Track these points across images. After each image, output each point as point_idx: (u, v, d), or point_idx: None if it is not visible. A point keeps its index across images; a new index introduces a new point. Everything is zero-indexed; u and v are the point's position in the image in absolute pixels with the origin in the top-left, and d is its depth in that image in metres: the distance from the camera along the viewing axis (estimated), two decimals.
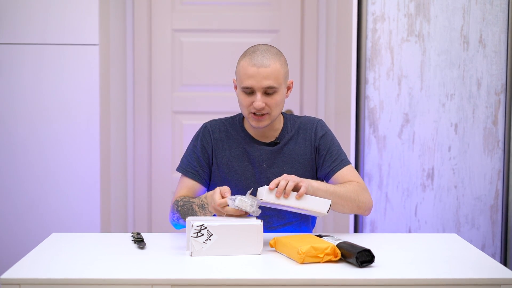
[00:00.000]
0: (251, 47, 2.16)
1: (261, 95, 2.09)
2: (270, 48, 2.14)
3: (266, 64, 2.08)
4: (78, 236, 2.12)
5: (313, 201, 1.95)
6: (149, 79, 3.63)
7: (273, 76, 2.09)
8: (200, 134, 2.25)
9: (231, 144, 2.22)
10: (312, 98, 3.63)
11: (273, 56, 2.11)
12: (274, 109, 2.12)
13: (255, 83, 2.08)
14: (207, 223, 1.84)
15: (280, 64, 2.11)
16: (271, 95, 2.10)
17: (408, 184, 2.92)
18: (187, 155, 2.25)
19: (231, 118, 2.28)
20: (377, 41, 2.89)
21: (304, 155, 2.22)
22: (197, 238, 1.83)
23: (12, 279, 1.66)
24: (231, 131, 2.24)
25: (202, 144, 2.23)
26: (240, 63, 2.13)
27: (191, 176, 2.22)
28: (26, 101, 3.13)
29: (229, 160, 2.20)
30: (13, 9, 3.10)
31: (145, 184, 3.64)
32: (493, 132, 2.92)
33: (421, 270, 1.77)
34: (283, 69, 2.12)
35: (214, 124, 2.26)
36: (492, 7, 2.88)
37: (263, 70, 2.08)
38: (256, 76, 2.08)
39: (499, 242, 2.94)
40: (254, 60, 2.09)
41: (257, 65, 2.08)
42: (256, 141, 2.22)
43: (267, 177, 2.17)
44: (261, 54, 2.10)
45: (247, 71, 2.09)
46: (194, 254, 1.83)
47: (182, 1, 3.62)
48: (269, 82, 2.08)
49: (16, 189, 3.15)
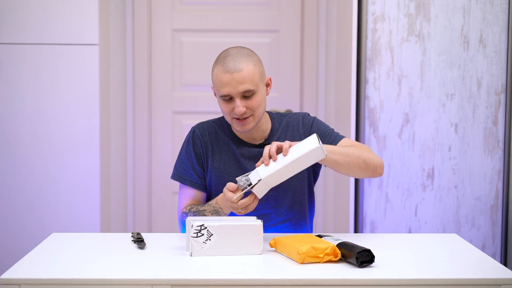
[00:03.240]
0: (222, 52, 2.12)
1: (240, 100, 2.06)
2: (241, 50, 2.10)
3: (239, 68, 2.05)
4: (78, 236, 2.12)
5: (302, 146, 1.93)
6: (149, 79, 3.63)
7: (248, 79, 2.05)
8: (191, 140, 2.22)
9: (221, 146, 2.20)
10: (312, 98, 3.63)
11: (244, 58, 2.07)
12: (256, 110, 2.09)
13: (231, 89, 2.05)
14: (207, 223, 1.84)
15: (254, 65, 2.08)
16: (250, 97, 2.07)
17: (408, 184, 2.92)
18: (181, 163, 2.22)
19: (219, 120, 2.25)
20: (377, 41, 2.89)
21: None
22: (197, 238, 1.83)
23: (12, 279, 1.66)
24: (220, 133, 2.22)
25: (194, 149, 2.20)
26: (214, 71, 2.10)
27: (190, 185, 2.20)
28: (26, 101, 3.13)
29: (220, 163, 2.19)
30: (12, 9, 3.10)
31: (145, 184, 3.64)
32: (493, 132, 2.91)
33: (421, 270, 1.77)
34: (258, 69, 2.09)
35: (202, 127, 2.23)
36: (492, 7, 2.88)
37: (237, 75, 2.04)
38: (231, 83, 2.05)
39: (499, 242, 2.94)
40: (226, 67, 2.05)
41: (230, 71, 2.05)
42: (245, 143, 2.20)
43: None
44: (232, 59, 2.06)
45: (221, 79, 2.06)
46: (194, 254, 1.83)
47: (182, 1, 3.62)
48: (245, 86, 2.05)
49: (16, 189, 3.15)
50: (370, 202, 2.92)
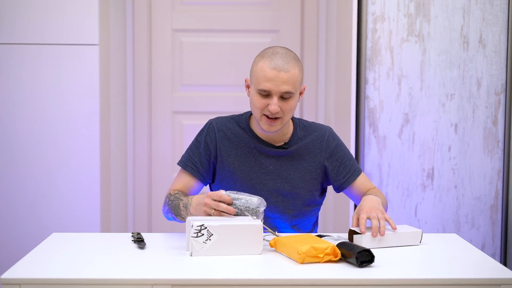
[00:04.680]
0: (269, 48, 2.12)
1: (277, 99, 2.06)
2: (290, 52, 2.11)
3: (286, 68, 2.05)
4: (78, 236, 2.12)
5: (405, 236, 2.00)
6: (149, 79, 3.63)
7: (292, 82, 2.06)
8: (205, 131, 2.22)
9: (238, 143, 2.19)
10: (312, 98, 3.63)
11: (292, 61, 2.08)
12: (287, 114, 2.10)
13: (273, 86, 2.05)
14: (207, 223, 1.84)
15: (299, 70, 2.09)
16: (287, 100, 2.08)
17: (408, 184, 2.92)
18: (189, 150, 2.23)
19: (237, 117, 2.25)
20: (377, 41, 2.89)
21: (313, 162, 2.20)
22: (197, 238, 1.83)
23: (12, 279, 1.66)
24: (238, 130, 2.21)
25: (206, 140, 2.20)
26: (259, 64, 2.08)
27: (189, 171, 2.20)
28: (26, 101, 3.13)
29: (235, 159, 2.18)
30: (12, 9, 3.10)
31: (145, 184, 3.64)
32: (493, 132, 2.92)
33: (421, 270, 1.77)
34: (300, 75, 2.10)
35: (220, 122, 2.22)
36: (492, 7, 2.88)
37: (282, 75, 2.05)
38: (275, 80, 2.05)
39: (499, 242, 2.94)
40: (274, 63, 2.05)
41: (278, 68, 2.05)
42: (264, 143, 2.19)
43: (273, 180, 2.16)
44: (281, 58, 2.06)
45: (266, 74, 2.05)
46: (194, 254, 1.83)
47: (182, 1, 3.62)
48: (287, 87, 2.05)
49: (16, 189, 3.15)
50: None
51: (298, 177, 2.17)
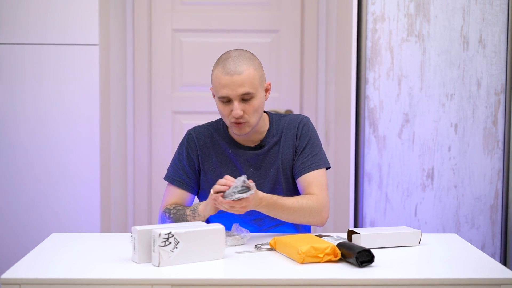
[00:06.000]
0: (223, 54, 2.12)
1: (238, 103, 2.06)
2: (243, 53, 2.10)
3: (240, 71, 2.05)
4: (78, 236, 2.12)
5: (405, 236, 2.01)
6: (149, 79, 3.63)
7: (248, 82, 2.05)
8: (185, 142, 2.23)
9: (217, 150, 2.21)
10: (312, 98, 3.63)
11: (246, 62, 2.07)
12: (252, 116, 2.09)
13: (230, 91, 2.05)
14: (174, 231, 1.78)
15: (254, 69, 2.08)
16: (249, 101, 2.07)
17: (408, 184, 2.92)
18: (173, 164, 2.24)
19: (215, 123, 2.26)
20: (377, 41, 2.89)
21: (289, 155, 2.19)
22: (165, 247, 1.77)
23: (12, 279, 1.66)
24: (216, 137, 2.22)
25: (187, 151, 2.21)
26: (214, 72, 2.10)
27: (178, 185, 2.20)
28: (26, 101, 3.13)
29: (216, 166, 2.19)
30: (13, 9, 3.10)
31: (145, 184, 3.64)
32: (493, 132, 2.92)
33: (421, 270, 1.77)
34: (258, 73, 2.09)
35: (198, 131, 2.24)
36: (492, 7, 2.88)
37: (236, 78, 2.04)
38: (230, 85, 2.05)
39: (499, 242, 2.94)
40: (227, 68, 2.05)
41: (230, 73, 2.05)
42: (240, 146, 2.20)
43: (255, 181, 2.15)
44: (233, 61, 2.06)
45: (221, 81, 2.06)
46: (162, 265, 1.77)
47: (182, 1, 3.62)
48: (245, 89, 2.05)
49: (16, 189, 3.15)
50: (370, 202, 2.92)
51: (278, 172, 2.17)
